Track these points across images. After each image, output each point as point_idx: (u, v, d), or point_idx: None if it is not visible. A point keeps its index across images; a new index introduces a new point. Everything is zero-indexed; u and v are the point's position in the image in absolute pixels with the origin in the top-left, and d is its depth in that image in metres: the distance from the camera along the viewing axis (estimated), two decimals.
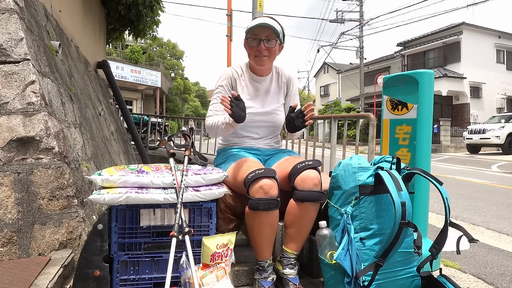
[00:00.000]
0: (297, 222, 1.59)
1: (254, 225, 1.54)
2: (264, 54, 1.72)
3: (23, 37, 1.96)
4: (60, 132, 1.97)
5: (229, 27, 7.67)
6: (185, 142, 1.77)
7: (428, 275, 1.47)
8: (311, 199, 1.56)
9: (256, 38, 1.71)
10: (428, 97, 1.94)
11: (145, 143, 8.06)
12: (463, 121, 18.85)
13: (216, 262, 1.45)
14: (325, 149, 4.18)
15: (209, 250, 1.45)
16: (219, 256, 1.46)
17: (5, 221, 1.70)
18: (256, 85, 1.84)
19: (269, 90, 1.86)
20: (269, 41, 1.70)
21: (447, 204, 1.36)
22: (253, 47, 1.73)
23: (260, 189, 1.47)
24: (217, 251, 1.46)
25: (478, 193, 5.69)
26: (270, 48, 1.72)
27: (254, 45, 1.72)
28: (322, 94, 33.45)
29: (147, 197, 1.43)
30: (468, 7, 16.46)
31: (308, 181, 1.56)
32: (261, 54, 1.72)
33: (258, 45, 1.71)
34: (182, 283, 1.42)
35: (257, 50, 1.72)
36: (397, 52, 23.20)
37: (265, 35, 1.70)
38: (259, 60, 1.75)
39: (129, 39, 10.78)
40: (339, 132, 4.39)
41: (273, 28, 1.68)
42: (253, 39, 1.72)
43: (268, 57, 1.75)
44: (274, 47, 1.73)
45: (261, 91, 1.84)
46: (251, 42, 1.73)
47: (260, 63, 1.76)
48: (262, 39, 1.70)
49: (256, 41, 1.71)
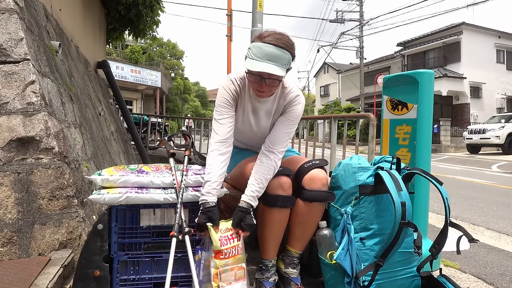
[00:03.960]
0: (304, 222, 1.59)
1: (266, 222, 1.55)
2: (265, 90, 1.49)
3: (23, 37, 1.96)
4: (60, 132, 1.97)
5: (229, 27, 7.68)
6: (185, 142, 1.76)
7: (428, 275, 1.47)
8: (320, 199, 1.56)
9: (257, 75, 1.44)
10: (428, 97, 1.94)
11: (145, 143, 8.05)
12: (463, 121, 18.84)
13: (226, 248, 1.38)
14: (325, 149, 4.18)
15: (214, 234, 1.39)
16: (226, 240, 1.40)
17: (5, 221, 1.70)
18: (257, 104, 1.64)
19: (271, 111, 1.65)
20: (272, 80, 1.44)
21: (447, 204, 1.37)
22: (253, 82, 1.48)
23: (280, 185, 1.49)
24: (223, 235, 1.40)
25: (478, 193, 5.69)
26: (272, 86, 1.48)
27: (254, 81, 1.47)
28: (322, 94, 33.46)
29: (147, 197, 1.43)
30: (468, 7, 16.46)
31: (317, 181, 1.56)
32: (261, 90, 1.49)
33: (259, 82, 1.46)
34: (196, 262, 1.41)
35: (258, 85, 1.48)
36: (397, 52, 23.19)
37: (267, 75, 1.43)
38: (259, 95, 1.53)
39: (129, 39, 10.78)
40: (339, 132, 4.38)
41: (277, 72, 1.40)
42: (252, 75, 1.45)
43: (269, 91, 1.52)
44: (276, 85, 1.49)
45: (262, 111, 1.65)
46: (251, 77, 1.47)
47: (260, 96, 1.55)
48: (264, 78, 1.44)
49: (257, 78, 1.45)
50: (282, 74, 1.42)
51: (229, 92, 1.59)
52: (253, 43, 1.46)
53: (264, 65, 1.39)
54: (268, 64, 1.39)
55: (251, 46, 1.45)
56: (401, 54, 22.72)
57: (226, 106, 1.58)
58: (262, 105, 1.63)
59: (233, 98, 1.60)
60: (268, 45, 1.41)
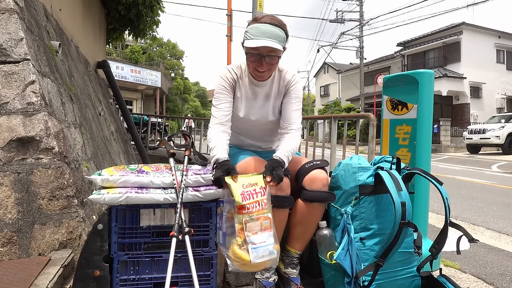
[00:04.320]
0: (304, 222, 1.59)
1: None
2: (265, 69, 1.59)
3: (23, 37, 1.96)
4: (60, 132, 1.97)
5: (229, 27, 7.68)
6: (185, 142, 1.76)
7: (428, 275, 1.47)
8: (320, 199, 1.57)
9: (257, 54, 1.55)
10: (428, 97, 1.94)
11: (145, 143, 8.06)
12: (463, 121, 18.84)
13: (249, 203, 1.35)
14: (325, 149, 4.18)
15: (235, 189, 1.36)
16: (249, 195, 1.37)
17: (5, 221, 1.70)
18: (256, 89, 1.72)
19: (270, 94, 1.73)
20: (271, 57, 1.55)
21: (447, 204, 1.36)
22: (253, 61, 1.58)
23: (277, 186, 1.48)
24: (245, 190, 1.37)
25: (478, 193, 5.69)
26: (271, 64, 1.58)
27: (254, 60, 1.57)
28: (322, 94, 33.43)
29: (147, 197, 1.43)
30: (468, 7, 16.46)
31: (317, 181, 1.56)
32: (261, 69, 1.59)
33: (259, 61, 1.56)
34: (219, 214, 1.46)
35: (258, 64, 1.58)
36: (397, 52, 23.20)
37: (267, 51, 1.53)
38: (259, 75, 1.63)
39: (129, 39, 10.78)
40: (339, 132, 4.38)
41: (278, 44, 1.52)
42: (252, 54, 1.55)
43: (269, 71, 1.62)
44: (276, 62, 1.60)
45: (260, 95, 1.73)
46: (251, 57, 1.57)
47: (259, 77, 1.65)
48: (263, 55, 1.54)
49: (257, 57, 1.55)
50: (280, 49, 1.53)
51: (226, 80, 1.68)
52: (250, 26, 1.57)
53: (264, 41, 1.50)
54: (267, 40, 1.50)
55: (248, 28, 1.57)
56: (401, 54, 22.72)
57: (224, 92, 1.67)
58: (261, 89, 1.72)
59: (230, 85, 1.69)
60: (265, 24, 1.54)
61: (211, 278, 1.53)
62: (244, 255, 1.31)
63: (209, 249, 1.54)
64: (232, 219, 1.37)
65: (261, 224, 1.35)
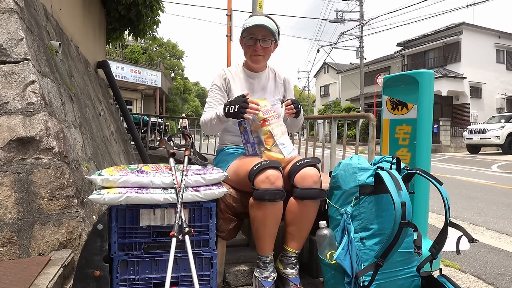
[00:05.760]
0: (298, 220, 1.59)
1: (258, 217, 1.54)
2: (260, 53, 1.80)
3: (23, 37, 1.96)
4: (60, 132, 1.97)
5: (229, 27, 7.69)
6: (185, 142, 1.77)
7: (428, 275, 1.47)
8: (311, 197, 1.57)
9: (253, 38, 1.77)
10: (428, 97, 1.94)
11: (145, 143, 8.06)
12: (463, 121, 18.85)
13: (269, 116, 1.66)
14: (325, 149, 4.18)
15: None
16: (267, 111, 1.67)
17: (5, 221, 1.70)
18: (252, 81, 1.90)
19: (266, 87, 1.92)
20: (265, 41, 1.78)
21: (447, 204, 1.36)
22: (249, 46, 1.80)
23: (267, 179, 1.49)
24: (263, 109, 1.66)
25: (478, 193, 5.69)
26: (265, 47, 1.79)
27: (250, 44, 1.79)
28: (322, 94, 33.43)
29: (147, 197, 1.43)
30: (468, 7, 16.45)
31: (308, 178, 1.56)
32: (257, 53, 1.80)
33: (254, 45, 1.78)
34: (242, 131, 1.70)
35: (253, 50, 1.79)
36: (397, 52, 23.20)
37: (261, 35, 1.76)
38: (255, 59, 1.83)
39: (129, 39, 10.78)
40: (339, 132, 4.38)
41: (270, 28, 1.74)
42: (249, 39, 1.79)
43: (263, 56, 1.83)
44: (269, 46, 1.80)
45: (257, 88, 1.90)
46: (248, 41, 1.80)
47: (256, 62, 1.84)
48: (258, 38, 1.77)
49: (252, 41, 1.78)
50: (273, 32, 1.75)
51: (219, 78, 1.88)
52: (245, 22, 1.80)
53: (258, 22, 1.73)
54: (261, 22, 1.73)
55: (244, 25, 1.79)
56: (401, 54, 22.73)
57: (216, 90, 1.86)
58: (257, 82, 1.91)
59: (223, 84, 1.87)
60: (259, 15, 1.80)
61: (211, 278, 1.53)
62: (277, 155, 1.64)
63: (209, 249, 1.54)
64: (255, 131, 1.66)
65: (281, 130, 1.70)
